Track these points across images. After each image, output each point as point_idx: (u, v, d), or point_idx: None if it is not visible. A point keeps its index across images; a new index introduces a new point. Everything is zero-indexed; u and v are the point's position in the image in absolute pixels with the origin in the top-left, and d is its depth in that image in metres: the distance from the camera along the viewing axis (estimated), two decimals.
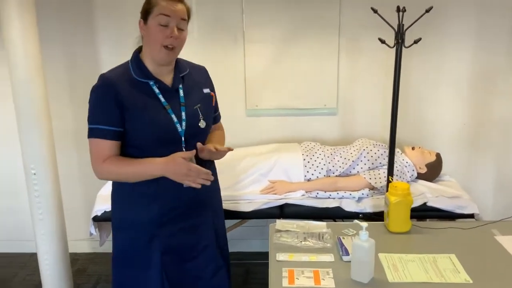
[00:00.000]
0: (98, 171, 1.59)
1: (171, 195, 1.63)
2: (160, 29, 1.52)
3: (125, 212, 1.67)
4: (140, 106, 1.55)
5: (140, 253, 1.66)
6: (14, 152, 2.94)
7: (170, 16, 1.51)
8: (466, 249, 1.67)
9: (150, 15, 1.53)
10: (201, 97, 1.70)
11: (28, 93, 2.30)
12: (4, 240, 3.29)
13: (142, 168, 1.56)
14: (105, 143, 1.55)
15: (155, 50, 1.55)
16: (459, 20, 2.75)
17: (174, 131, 1.59)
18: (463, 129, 2.93)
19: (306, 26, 2.77)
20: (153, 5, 1.52)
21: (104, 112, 1.54)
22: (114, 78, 1.55)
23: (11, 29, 2.21)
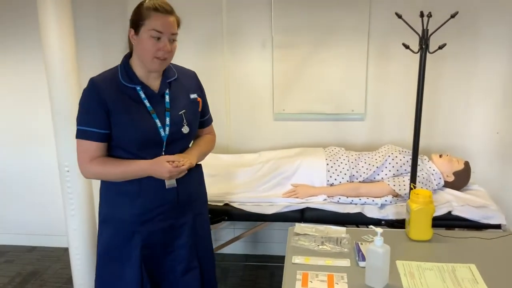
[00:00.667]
0: (84, 171, 1.67)
1: (153, 195, 1.69)
2: (153, 42, 1.56)
3: (110, 208, 1.75)
4: (124, 110, 1.60)
5: (121, 247, 1.73)
6: (50, 150, 3.09)
7: (162, 32, 1.56)
8: (487, 260, 1.63)
9: (141, 27, 1.56)
10: (187, 102, 1.73)
11: (63, 94, 2.40)
12: (40, 235, 3.45)
13: (127, 170, 1.63)
14: (91, 144, 1.61)
15: (147, 61, 1.60)
16: (493, 26, 2.68)
17: (157, 135, 1.64)
18: (496, 138, 2.85)
19: (335, 31, 2.78)
20: (145, 17, 1.55)
21: (91, 115, 1.60)
22: (101, 82, 1.61)
23: (48, 30, 2.31)
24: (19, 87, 3.18)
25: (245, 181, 2.45)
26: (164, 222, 1.73)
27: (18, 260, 3.27)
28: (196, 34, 2.91)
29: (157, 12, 1.55)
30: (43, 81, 2.79)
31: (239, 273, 2.99)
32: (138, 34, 1.58)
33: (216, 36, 2.90)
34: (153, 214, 1.71)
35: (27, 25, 3.03)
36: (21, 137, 3.28)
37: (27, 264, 3.21)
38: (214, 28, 2.89)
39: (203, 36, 2.91)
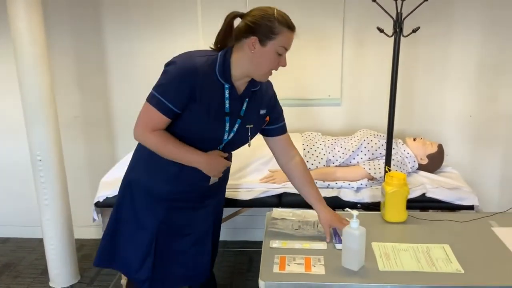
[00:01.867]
0: (140, 136, 1.62)
1: (188, 182, 1.71)
2: (277, 58, 1.55)
3: (141, 175, 1.74)
4: (207, 103, 1.57)
5: (138, 212, 1.74)
6: (21, 140, 3.02)
7: (288, 49, 1.56)
8: (461, 240, 1.67)
9: (270, 40, 1.52)
10: (257, 117, 1.73)
11: (34, 81, 2.34)
12: (15, 226, 3.38)
13: (184, 155, 1.63)
14: (160, 117, 1.56)
15: (261, 71, 1.58)
16: (466, 10, 2.71)
17: (220, 136, 1.65)
18: (469, 121, 2.90)
19: (310, 16, 2.77)
20: (277, 32, 1.52)
21: (176, 92, 1.54)
22: (200, 67, 1.54)
23: (16, 17, 2.25)
24: None
25: None
26: (188, 203, 1.76)
27: None
28: (171, 19, 2.86)
29: (289, 30, 1.55)
30: (12, 67, 2.71)
31: (218, 259, 2.97)
32: (264, 45, 1.52)
33: (191, 21, 2.85)
34: (179, 196, 1.73)
35: None
36: None
37: (1, 255, 3.15)
38: (189, 13, 2.84)
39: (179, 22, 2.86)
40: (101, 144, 3.16)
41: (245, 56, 1.55)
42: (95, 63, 3.00)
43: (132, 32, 2.91)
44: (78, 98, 3.07)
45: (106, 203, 2.28)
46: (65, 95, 3.04)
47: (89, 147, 3.18)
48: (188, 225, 1.78)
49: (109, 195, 2.27)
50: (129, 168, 1.80)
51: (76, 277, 2.78)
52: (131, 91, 3.02)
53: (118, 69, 3.00)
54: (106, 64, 2.99)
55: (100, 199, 2.28)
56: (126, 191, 1.78)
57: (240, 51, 1.56)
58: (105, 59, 2.98)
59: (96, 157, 3.19)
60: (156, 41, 2.90)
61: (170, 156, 1.63)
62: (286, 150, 1.84)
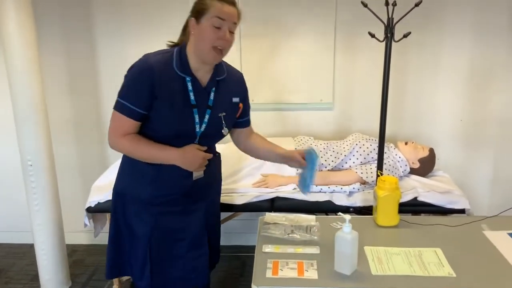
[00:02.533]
0: (113, 143, 1.65)
1: (170, 182, 1.71)
2: (214, 30, 1.54)
3: (126, 183, 1.77)
4: (169, 98, 1.59)
5: (130, 221, 1.76)
6: (12, 144, 2.99)
7: (225, 19, 1.55)
8: (453, 244, 1.68)
9: (204, 16, 1.55)
10: (229, 105, 1.74)
11: (24, 84, 2.32)
12: (4, 231, 3.34)
13: (157, 154, 1.64)
14: (128, 121, 1.60)
15: (204, 50, 1.58)
16: (457, 15, 2.74)
17: (192, 130, 1.65)
18: (460, 126, 2.93)
19: (302, 21, 2.78)
20: (208, 6, 1.54)
21: (137, 93, 1.58)
22: (156, 65, 1.57)
23: (6, 19, 2.23)
24: None
25: None
26: (176, 207, 1.74)
27: None
28: (162, 21, 2.86)
29: (222, 2, 1.55)
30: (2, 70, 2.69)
31: None
32: (200, 22, 1.56)
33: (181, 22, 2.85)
34: (166, 198, 1.72)
35: None
36: None
37: None
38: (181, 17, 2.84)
39: (169, 22, 2.85)
40: (93, 148, 3.15)
41: (192, 41, 1.61)
42: (86, 65, 2.98)
43: (124, 33, 2.90)
44: (69, 101, 3.06)
45: (98, 208, 2.27)
46: (56, 98, 3.02)
47: (81, 151, 3.16)
48: (181, 229, 1.77)
49: (100, 200, 2.26)
50: (116, 179, 1.81)
51: (68, 283, 2.75)
52: None
53: (109, 71, 2.98)
54: (98, 66, 2.98)
55: (92, 204, 2.27)
56: (117, 202, 1.79)
57: (189, 40, 1.62)
58: (96, 61, 2.97)
59: (88, 161, 3.17)
60: (147, 42, 2.89)
61: (144, 157, 1.65)
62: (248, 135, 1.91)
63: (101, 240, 3.12)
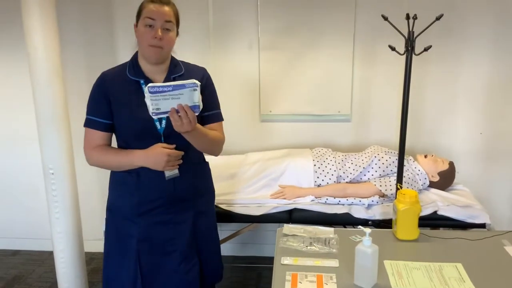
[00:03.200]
0: (87, 157, 1.78)
1: (151, 187, 1.74)
2: (146, 30, 1.65)
3: (112, 197, 1.84)
4: (124, 102, 1.68)
5: (120, 237, 1.80)
6: (34, 153, 3.04)
7: (155, 19, 1.63)
8: (473, 259, 1.66)
9: (140, 18, 1.68)
10: None
11: (48, 96, 2.37)
12: (25, 238, 3.39)
13: (123, 158, 1.71)
14: (95, 133, 1.73)
15: (144, 50, 1.68)
16: (477, 28, 2.73)
17: (153, 128, 1.69)
18: (479, 139, 2.89)
19: (321, 33, 2.79)
20: (142, 8, 1.67)
21: (96, 105, 1.72)
22: (108, 75, 1.72)
23: (32, 33, 2.28)
24: (3, 88, 3.13)
25: (232, 182, 2.44)
26: (163, 216, 1.76)
27: (2, 264, 3.21)
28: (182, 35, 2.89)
29: (152, 3, 1.65)
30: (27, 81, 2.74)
31: (226, 274, 2.98)
32: (137, 25, 1.69)
33: (202, 36, 2.89)
34: (150, 206, 1.74)
35: (10, 25, 2.98)
36: (5, 139, 3.22)
37: (11, 268, 3.16)
38: (201, 29, 2.88)
39: (190, 36, 2.90)
40: None
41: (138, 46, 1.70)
42: None
43: None
44: None
45: None
46: (77, 108, 3.06)
47: None
48: (170, 240, 1.78)
49: None
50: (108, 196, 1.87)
51: None
52: None
53: None
54: None
55: None
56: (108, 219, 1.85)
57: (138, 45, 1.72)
58: None
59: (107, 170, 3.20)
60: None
61: (114, 165, 1.73)
62: None
63: None
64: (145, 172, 1.71)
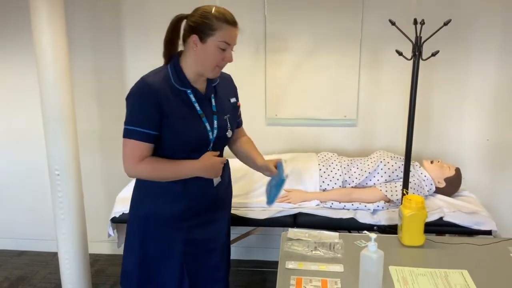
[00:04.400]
0: (132, 170, 1.64)
1: (199, 193, 1.73)
2: (219, 52, 1.58)
3: (154, 207, 1.72)
4: (178, 114, 1.61)
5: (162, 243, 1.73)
6: (40, 154, 3.06)
7: (231, 44, 1.60)
8: (479, 266, 1.65)
9: (210, 37, 1.56)
10: (229, 107, 1.78)
11: (55, 96, 2.38)
12: (29, 239, 3.41)
13: (179, 170, 1.65)
14: (142, 145, 1.59)
15: (208, 68, 1.62)
16: (485, 34, 2.72)
17: (206, 138, 1.68)
18: (486, 145, 2.88)
19: (328, 37, 2.79)
20: (216, 28, 1.56)
21: (145, 116, 1.58)
22: (156, 85, 1.58)
23: (40, 34, 2.30)
24: (9, 88, 3.15)
25: (237, 186, 2.43)
26: (204, 217, 1.77)
27: (6, 265, 3.22)
28: None
29: (228, 25, 1.58)
30: (33, 82, 2.77)
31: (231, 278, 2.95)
32: (205, 42, 1.57)
33: None
34: (196, 210, 1.74)
35: (19, 25, 3.00)
36: (11, 139, 3.24)
37: (15, 268, 3.17)
38: None
39: None
40: (118, 160, 3.16)
41: (191, 56, 1.62)
42: (115, 79, 3.04)
43: (152, 49, 2.95)
44: (96, 113, 3.12)
45: (122, 219, 2.29)
46: (84, 110, 3.08)
47: (106, 162, 3.21)
48: (211, 239, 1.80)
49: (125, 211, 2.28)
50: (137, 204, 1.78)
51: None
52: None
53: None
54: (125, 79, 3.04)
55: (116, 215, 2.30)
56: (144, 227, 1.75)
57: (186, 52, 1.63)
58: (124, 74, 3.03)
59: (113, 172, 3.22)
60: None
61: (167, 177, 1.65)
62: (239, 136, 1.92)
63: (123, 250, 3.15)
64: (192, 179, 1.67)
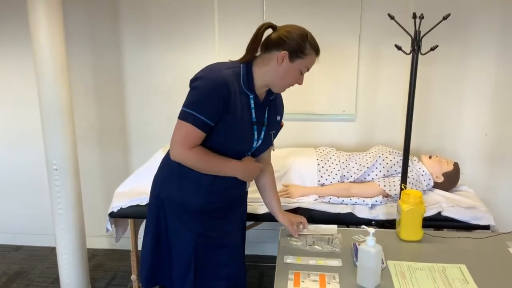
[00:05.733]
0: (181, 155, 1.61)
1: (225, 191, 1.75)
2: (299, 75, 1.65)
3: (178, 192, 1.72)
4: (239, 115, 1.61)
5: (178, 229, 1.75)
6: (38, 148, 3.05)
7: (309, 70, 1.66)
8: (477, 260, 1.65)
9: (299, 59, 1.60)
10: (276, 124, 1.81)
11: (53, 92, 2.37)
12: (27, 234, 3.40)
13: (223, 167, 1.67)
14: (198, 132, 1.58)
15: (281, 84, 1.65)
16: (483, 29, 2.71)
17: (250, 145, 1.71)
18: (485, 140, 2.88)
19: (327, 31, 2.78)
20: (307, 54, 1.61)
21: (210, 106, 1.56)
22: (229, 80, 1.58)
23: (38, 29, 2.29)
24: (7, 84, 3.13)
25: None
26: (221, 213, 1.78)
27: (4, 259, 3.22)
28: (187, 35, 2.90)
29: (316, 55, 1.66)
30: (31, 78, 2.76)
31: None
32: (293, 62, 1.60)
33: (207, 34, 2.89)
34: (215, 206, 1.75)
35: (16, 20, 2.99)
36: (9, 135, 3.23)
37: (13, 263, 3.17)
38: (206, 27, 2.88)
39: (194, 36, 2.90)
40: (116, 155, 3.19)
41: (271, 67, 1.61)
42: (112, 73, 3.03)
43: (150, 45, 2.95)
44: (94, 108, 3.11)
45: (120, 214, 2.28)
46: (82, 105, 3.08)
47: (104, 157, 3.20)
48: (223, 236, 1.80)
49: (123, 206, 2.28)
50: (159, 184, 1.78)
51: (88, 287, 2.78)
52: (147, 103, 3.05)
53: (134, 81, 3.03)
54: (123, 75, 3.03)
55: (114, 210, 2.29)
56: (160, 209, 1.76)
57: (265, 61, 1.62)
58: (122, 71, 3.02)
59: (110, 167, 3.21)
60: (172, 54, 2.93)
61: (210, 170, 1.66)
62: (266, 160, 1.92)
63: (121, 245, 3.16)
64: (222, 179, 1.70)
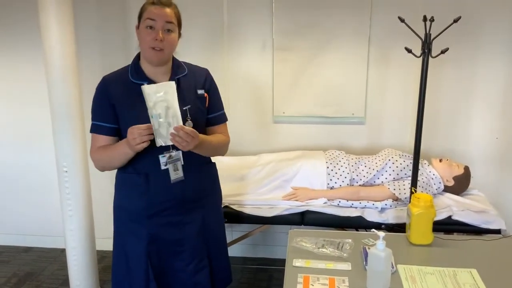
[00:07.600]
0: (93, 160, 1.75)
1: (160, 190, 1.73)
2: (148, 32, 1.64)
3: (120, 198, 1.82)
4: (129, 105, 1.67)
5: (128, 239, 1.78)
6: (48, 150, 3.08)
7: (155, 19, 1.63)
8: (488, 264, 1.63)
9: (141, 20, 1.67)
10: (193, 98, 1.76)
11: (63, 93, 2.39)
12: (37, 235, 3.43)
13: (119, 149, 1.67)
14: (100, 138, 1.72)
15: (145, 52, 1.67)
16: (494, 32, 2.69)
17: None
18: (495, 143, 2.85)
19: (336, 34, 2.78)
20: (143, 10, 1.67)
21: (99, 110, 1.72)
22: (110, 79, 1.72)
23: (49, 31, 2.31)
24: (18, 86, 3.16)
25: (245, 183, 2.44)
26: (171, 218, 1.76)
27: (14, 261, 3.24)
28: (196, 35, 2.91)
29: (153, 4, 1.65)
30: (42, 80, 2.78)
31: (237, 276, 2.98)
32: (139, 27, 1.68)
33: (216, 36, 2.90)
34: (160, 208, 1.74)
35: (27, 23, 3.02)
36: (19, 136, 3.26)
37: (23, 264, 3.19)
38: (215, 29, 2.89)
39: (203, 37, 2.90)
40: None
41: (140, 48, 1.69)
42: None
43: None
44: None
45: None
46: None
47: None
48: (178, 241, 1.78)
49: None
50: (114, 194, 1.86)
51: None
52: None
53: None
54: None
55: None
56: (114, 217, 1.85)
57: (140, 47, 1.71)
58: None
59: None
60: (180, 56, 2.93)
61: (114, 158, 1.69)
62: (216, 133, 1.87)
63: None
64: (154, 174, 1.70)
